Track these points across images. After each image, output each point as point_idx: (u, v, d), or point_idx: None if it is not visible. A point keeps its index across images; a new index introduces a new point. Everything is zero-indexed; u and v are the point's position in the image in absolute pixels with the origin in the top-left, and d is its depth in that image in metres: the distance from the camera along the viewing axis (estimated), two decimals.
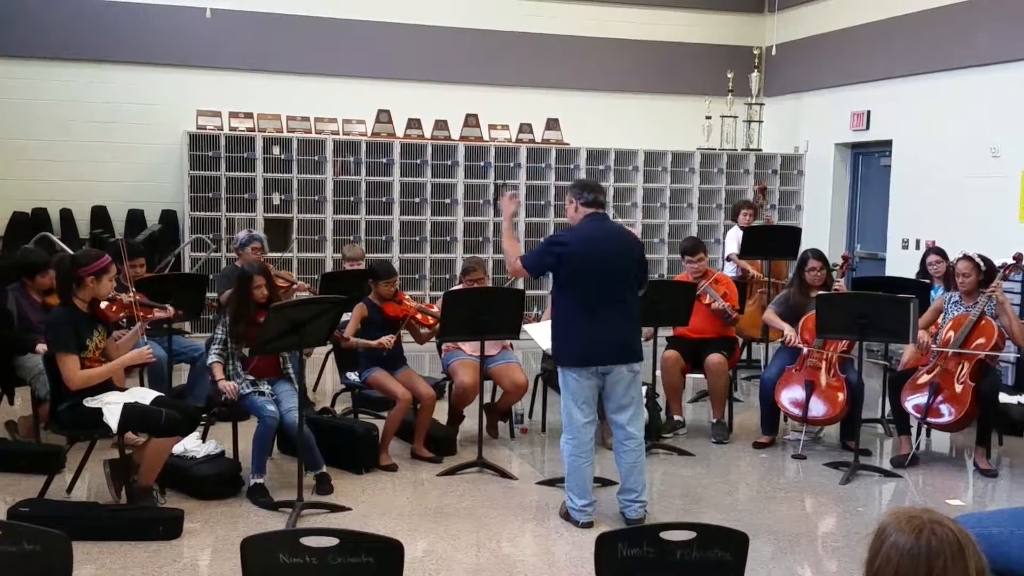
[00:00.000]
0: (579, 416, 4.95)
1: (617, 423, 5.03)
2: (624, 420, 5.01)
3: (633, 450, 5.01)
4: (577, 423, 4.95)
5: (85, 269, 4.88)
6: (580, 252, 4.90)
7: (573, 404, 4.95)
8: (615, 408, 5.01)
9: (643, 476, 5.07)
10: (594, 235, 4.96)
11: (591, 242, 4.93)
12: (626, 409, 5.01)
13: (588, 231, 4.98)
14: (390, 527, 4.87)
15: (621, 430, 5.03)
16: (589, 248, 4.91)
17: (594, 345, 4.89)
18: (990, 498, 5.78)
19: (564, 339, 4.99)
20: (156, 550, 4.58)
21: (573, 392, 4.95)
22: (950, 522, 1.98)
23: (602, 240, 4.96)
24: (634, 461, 5.02)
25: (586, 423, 4.96)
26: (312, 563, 2.62)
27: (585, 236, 4.95)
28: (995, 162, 9.26)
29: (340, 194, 10.39)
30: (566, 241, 4.98)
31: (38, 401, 5.93)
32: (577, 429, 4.96)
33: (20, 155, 10.22)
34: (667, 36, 12.26)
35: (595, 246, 4.92)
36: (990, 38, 9.28)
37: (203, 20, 9.92)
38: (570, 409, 4.97)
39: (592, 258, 4.90)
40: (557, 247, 4.98)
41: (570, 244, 4.94)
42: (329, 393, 7.76)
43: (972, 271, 6.21)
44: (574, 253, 4.90)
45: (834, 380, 6.35)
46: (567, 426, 5.00)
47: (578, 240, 4.94)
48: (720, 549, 2.72)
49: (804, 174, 11.96)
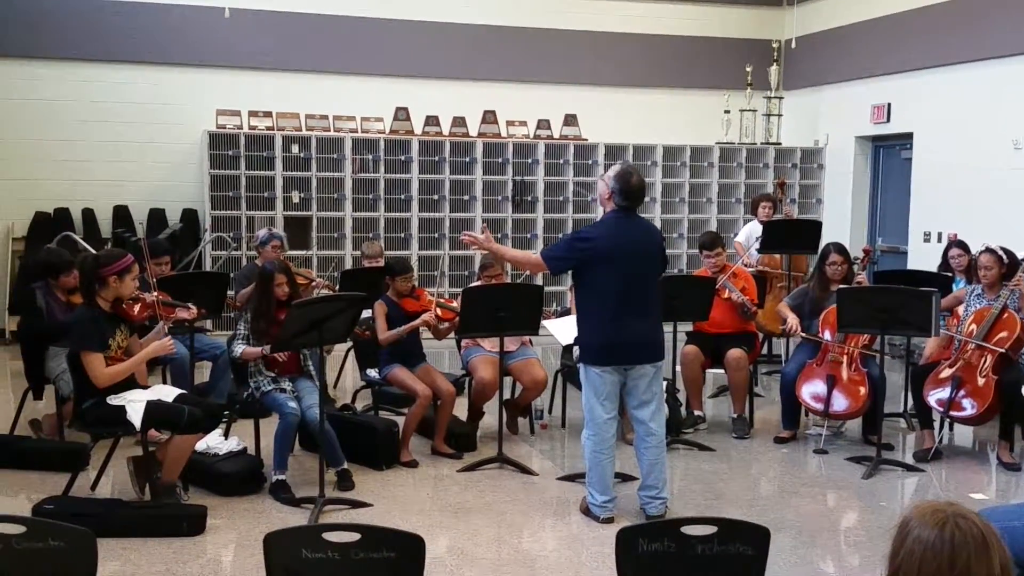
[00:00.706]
0: (601, 412, 4.93)
1: (639, 419, 5.02)
2: (646, 416, 5.00)
3: (654, 446, 5.00)
4: (599, 419, 4.94)
5: (108, 269, 4.92)
6: (606, 249, 4.84)
7: (595, 400, 4.93)
8: (637, 404, 5.00)
9: (664, 472, 5.06)
10: (619, 231, 4.90)
11: (617, 239, 4.87)
12: (648, 405, 4.99)
13: (614, 227, 4.92)
14: (411, 523, 4.88)
15: (643, 426, 5.01)
16: (615, 245, 4.85)
17: (619, 343, 4.87)
18: (1013, 492, 5.73)
19: (588, 336, 4.97)
20: (180, 546, 4.61)
21: (596, 388, 4.92)
22: (974, 516, 1.97)
23: (627, 237, 4.90)
24: (655, 457, 5.00)
25: (608, 419, 4.95)
26: (335, 558, 2.63)
27: (611, 233, 4.90)
28: (1017, 154, 9.18)
29: (359, 192, 10.43)
30: (592, 237, 4.92)
31: (62, 400, 5.98)
32: (599, 426, 4.94)
33: (42, 155, 10.29)
34: (685, 30, 12.21)
35: (620, 242, 4.86)
36: (1011, 29, 9.19)
37: (222, 20, 9.96)
38: (592, 405, 4.95)
39: (618, 255, 4.84)
40: (582, 243, 4.92)
41: (596, 240, 4.88)
42: (349, 390, 7.79)
43: (994, 264, 6.16)
44: (600, 249, 4.85)
45: (855, 374, 6.32)
46: (589, 422, 4.99)
47: (604, 236, 4.89)
48: (741, 543, 2.71)
49: (824, 168, 11.90)
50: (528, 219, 10.98)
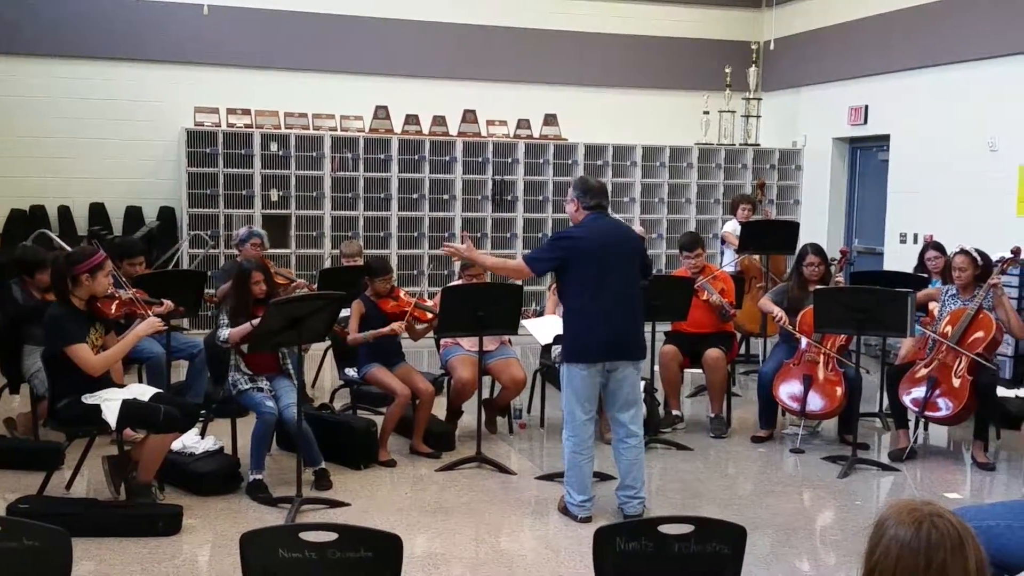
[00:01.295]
0: (580, 414, 4.94)
1: (619, 421, 5.02)
2: (627, 418, 5.00)
3: (634, 447, 5.01)
4: (578, 420, 4.94)
5: (80, 267, 4.87)
6: (587, 246, 4.88)
7: (575, 401, 4.94)
8: (620, 406, 5.00)
9: (642, 473, 5.07)
10: (599, 231, 4.94)
11: (598, 237, 4.91)
12: (630, 407, 5.00)
13: (593, 227, 4.95)
14: (389, 522, 4.87)
15: (623, 428, 5.02)
16: (596, 244, 4.89)
17: (602, 342, 4.87)
18: (988, 492, 5.78)
19: (571, 335, 4.97)
20: (155, 546, 4.59)
21: (577, 389, 4.93)
22: (950, 515, 1.98)
23: (607, 236, 4.95)
24: (634, 458, 5.01)
25: (586, 420, 4.96)
26: (311, 558, 2.62)
27: (591, 232, 4.93)
28: (993, 156, 9.27)
29: (338, 190, 10.39)
30: (574, 235, 4.95)
31: (37, 398, 5.93)
32: (578, 426, 4.95)
33: (17, 152, 10.19)
34: (665, 31, 12.24)
35: (602, 241, 4.90)
36: (987, 32, 9.28)
37: (200, 16, 9.89)
38: (572, 406, 4.95)
39: (600, 253, 4.88)
40: (565, 241, 4.96)
41: (577, 239, 4.91)
42: (328, 389, 7.76)
43: (969, 265, 6.22)
44: (582, 249, 4.88)
45: (832, 374, 6.36)
46: (568, 423, 4.99)
47: (585, 236, 4.92)
48: (718, 542, 2.73)
49: (802, 169, 11.96)
50: (508, 218, 10.98)
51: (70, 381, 4.83)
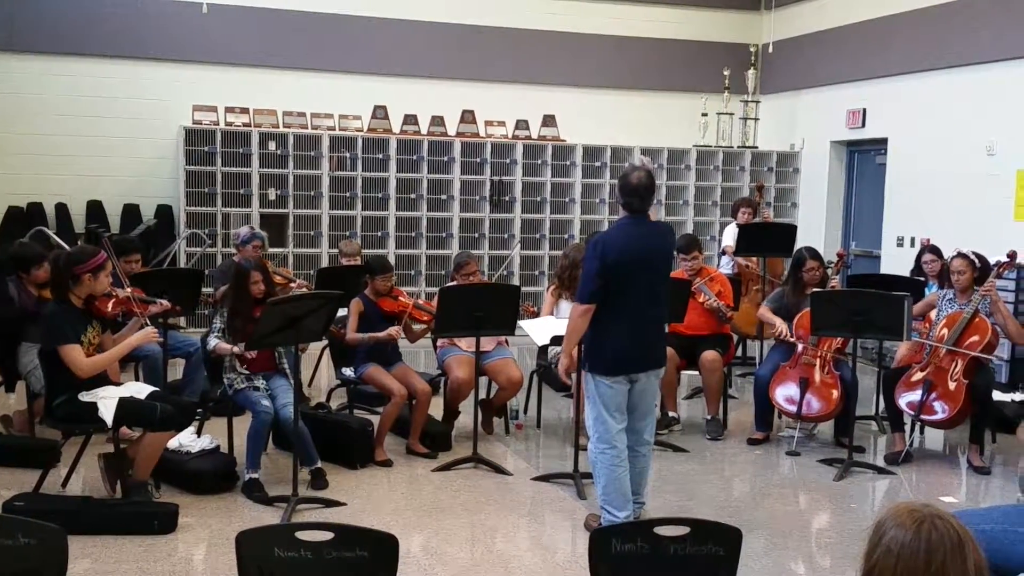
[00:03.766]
0: (613, 424, 4.73)
1: (635, 429, 4.86)
2: (643, 427, 4.89)
3: (644, 456, 4.92)
4: (612, 431, 4.73)
5: (82, 267, 4.87)
6: (616, 261, 4.64)
7: (606, 412, 4.72)
8: (638, 415, 4.85)
9: (647, 480, 5.01)
10: (630, 240, 4.71)
11: (628, 249, 4.68)
12: (647, 416, 4.90)
13: (624, 237, 4.74)
14: (385, 522, 4.87)
15: (637, 436, 4.87)
16: (626, 255, 4.67)
17: (630, 353, 4.73)
18: (983, 495, 5.79)
19: (600, 345, 4.75)
20: (151, 544, 4.58)
21: (606, 400, 4.72)
22: (950, 517, 1.98)
23: (638, 244, 4.73)
24: (644, 467, 4.93)
25: (620, 430, 4.76)
26: (307, 557, 2.62)
27: (621, 243, 4.70)
28: (991, 160, 9.28)
29: (336, 190, 10.39)
30: (607, 253, 4.66)
31: (33, 396, 5.92)
32: (613, 437, 4.73)
33: (15, 149, 10.19)
34: (664, 33, 12.25)
35: (632, 252, 4.68)
36: (986, 36, 9.29)
37: (199, 15, 9.89)
38: (604, 418, 4.73)
39: (630, 266, 4.68)
40: (594, 263, 4.66)
41: (609, 255, 4.65)
42: (324, 388, 7.76)
43: (967, 268, 6.22)
44: (612, 265, 4.63)
45: (828, 377, 6.36)
46: (601, 436, 4.73)
47: (614, 251, 4.67)
48: (713, 544, 2.73)
49: (800, 172, 11.98)
50: (506, 219, 10.99)
51: (67, 378, 4.82)
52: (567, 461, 5.76)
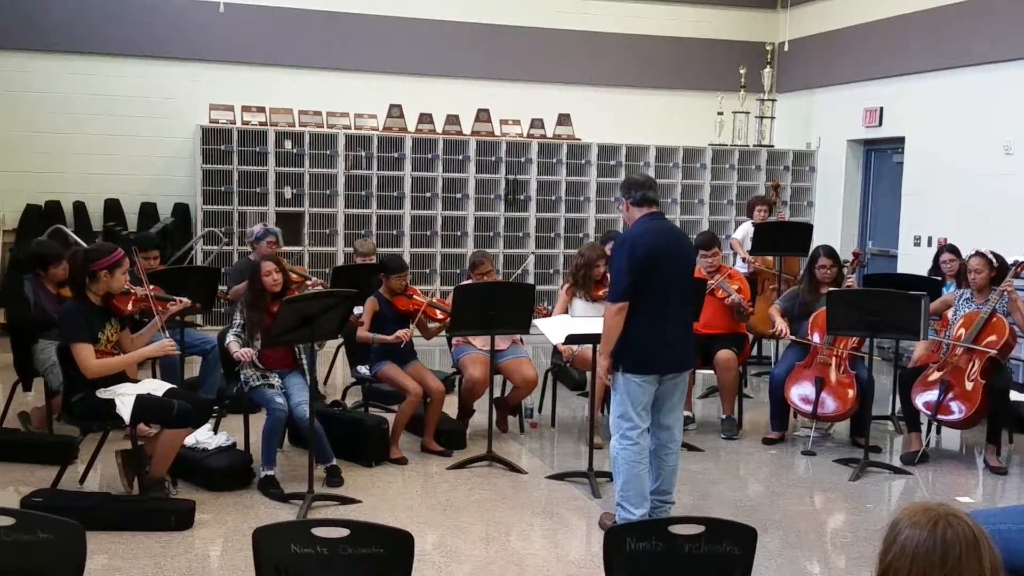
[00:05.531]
0: (640, 422, 4.73)
1: (665, 426, 4.86)
2: (672, 422, 4.88)
3: (674, 453, 4.90)
4: (638, 429, 4.73)
5: (99, 263, 4.91)
6: (645, 257, 4.64)
7: (632, 410, 4.72)
8: (667, 412, 4.85)
9: (676, 478, 5.00)
10: (654, 239, 4.70)
11: (656, 246, 4.68)
12: (675, 411, 4.89)
13: (650, 234, 4.72)
14: (400, 519, 4.88)
15: (667, 432, 4.86)
16: (652, 253, 4.65)
17: (660, 352, 4.72)
18: (1000, 495, 5.76)
19: (630, 344, 4.72)
20: (168, 540, 4.61)
21: (634, 398, 4.72)
22: (966, 516, 1.98)
23: (663, 241, 4.73)
24: (675, 464, 4.92)
25: (645, 429, 4.76)
26: (323, 553, 2.63)
27: (645, 242, 4.69)
28: (1008, 159, 9.23)
29: (351, 188, 10.42)
30: (636, 247, 4.65)
31: (51, 393, 5.97)
32: (639, 435, 4.74)
33: (33, 148, 10.25)
34: (679, 32, 12.23)
35: (657, 250, 4.67)
36: (1004, 35, 9.23)
37: (216, 14, 9.93)
38: (630, 415, 4.72)
39: (659, 260, 4.66)
40: (626, 261, 4.65)
41: (635, 252, 4.64)
42: (340, 386, 7.78)
43: (984, 267, 6.19)
44: (642, 259, 4.63)
45: (844, 377, 6.34)
46: (626, 433, 4.72)
47: (643, 246, 4.66)
48: (728, 543, 2.73)
49: (816, 171, 11.93)
50: (520, 218, 10.99)
51: (84, 376, 4.85)
52: (582, 459, 5.76)
